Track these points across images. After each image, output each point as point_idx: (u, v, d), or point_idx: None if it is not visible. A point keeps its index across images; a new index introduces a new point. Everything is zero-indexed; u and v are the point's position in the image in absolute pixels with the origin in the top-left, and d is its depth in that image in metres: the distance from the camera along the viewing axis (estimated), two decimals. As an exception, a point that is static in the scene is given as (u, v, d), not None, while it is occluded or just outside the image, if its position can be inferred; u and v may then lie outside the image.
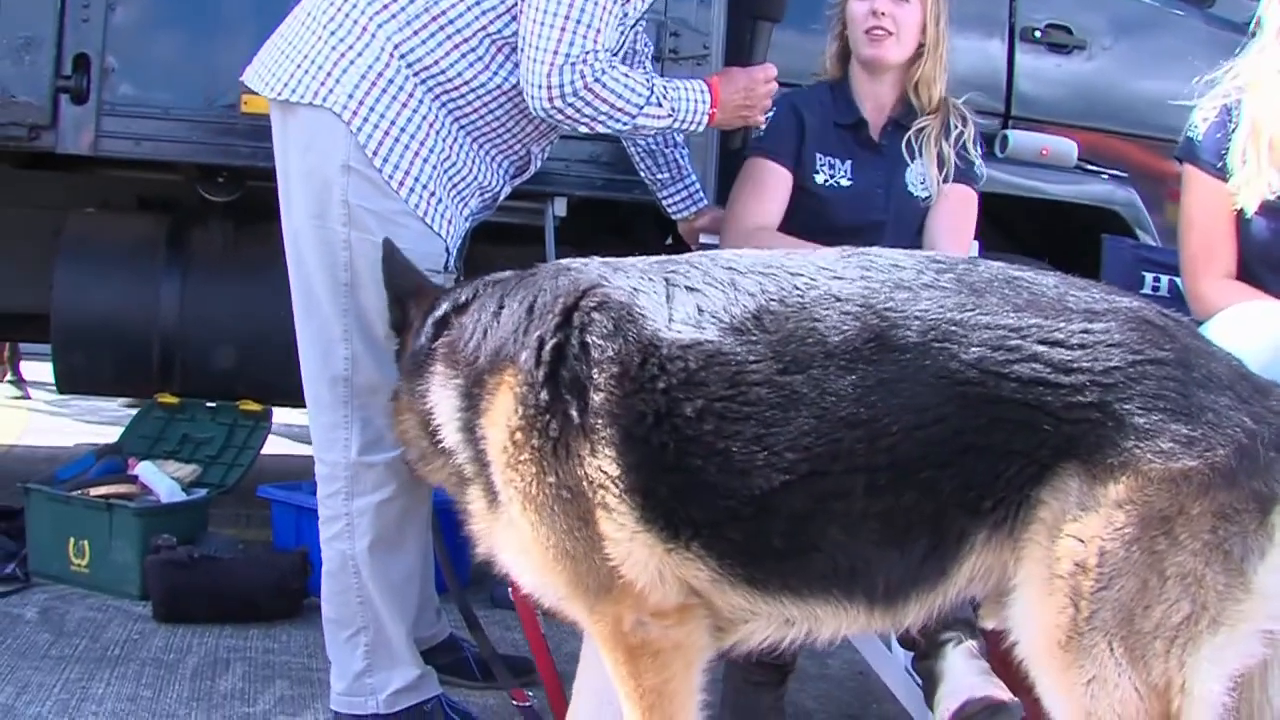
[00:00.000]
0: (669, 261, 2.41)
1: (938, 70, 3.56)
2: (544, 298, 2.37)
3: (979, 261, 2.32)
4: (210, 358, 4.71)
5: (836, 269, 2.26)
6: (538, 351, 2.29)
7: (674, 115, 3.11)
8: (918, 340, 2.13)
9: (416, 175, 2.91)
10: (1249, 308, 3.10)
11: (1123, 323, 2.12)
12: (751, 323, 2.21)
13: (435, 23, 2.91)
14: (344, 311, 2.94)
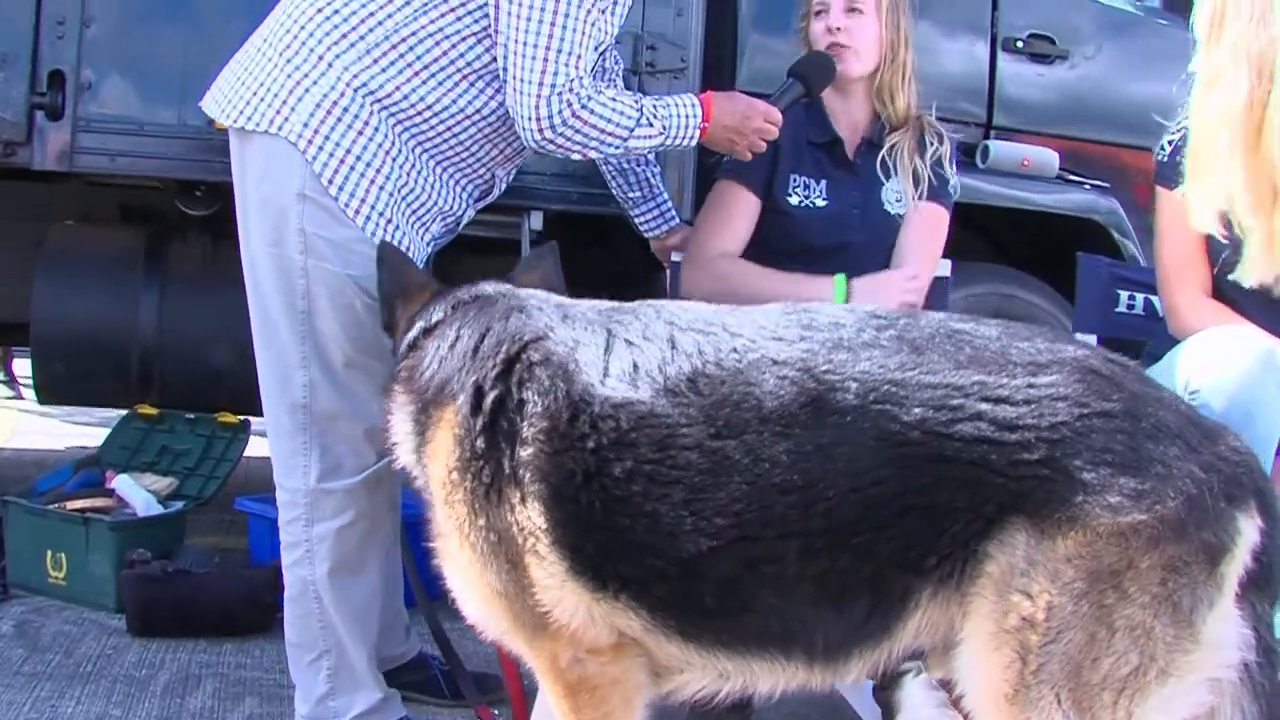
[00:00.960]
0: (617, 311, 2.40)
1: (899, 79, 3.56)
2: (490, 340, 2.37)
3: (921, 315, 2.29)
4: (189, 369, 4.72)
5: (777, 329, 2.24)
6: (476, 399, 2.30)
7: (665, 133, 3.11)
8: (856, 403, 2.10)
9: (373, 203, 2.91)
10: (1218, 334, 3.09)
11: (1068, 375, 2.10)
12: (686, 385, 2.19)
13: (395, 50, 2.90)
14: (301, 339, 2.94)
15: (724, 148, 3.32)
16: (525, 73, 2.86)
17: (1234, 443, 2.13)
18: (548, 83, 2.86)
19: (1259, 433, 2.90)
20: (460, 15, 2.90)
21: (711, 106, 3.19)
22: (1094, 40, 5.17)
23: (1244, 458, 2.12)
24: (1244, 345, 2.97)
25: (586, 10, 2.88)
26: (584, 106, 2.91)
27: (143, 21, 4.17)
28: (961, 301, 4.85)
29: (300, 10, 2.94)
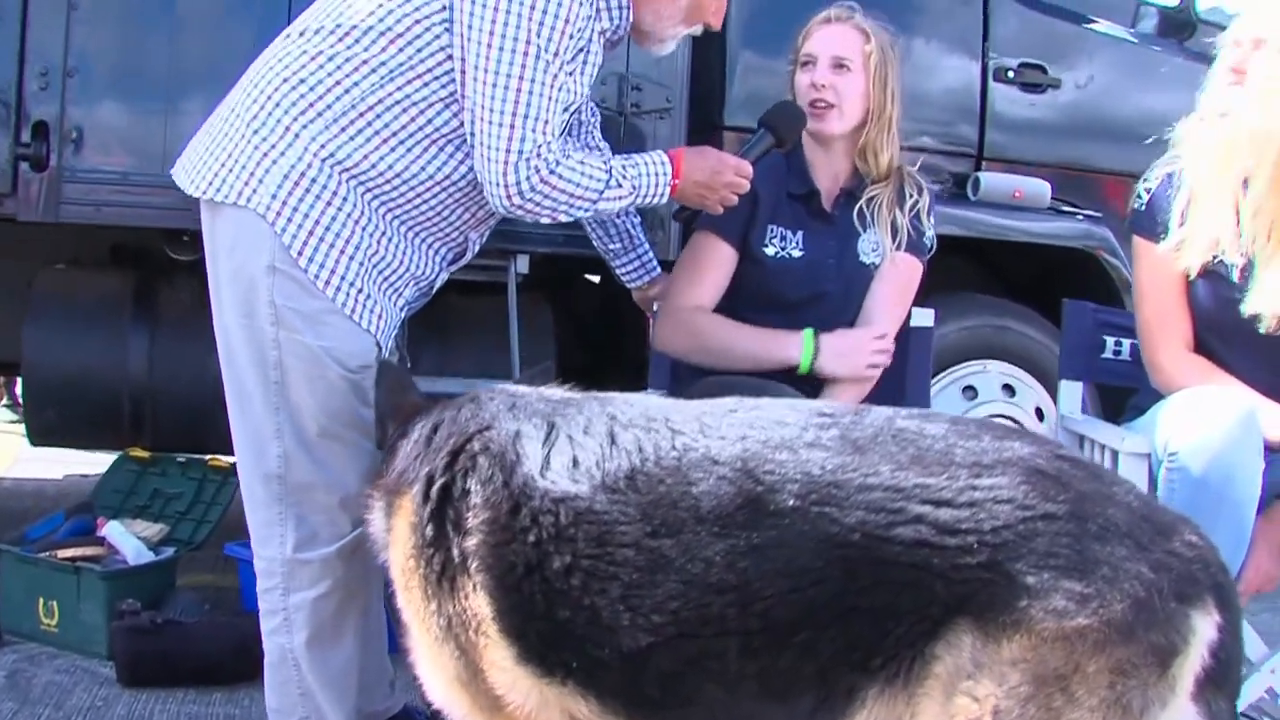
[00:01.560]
0: (563, 404, 2.43)
1: (885, 137, 3.52)
2: (442, 431, 2.42)
3: (867, 412, 2.28)
4: (180, 412, 4.72)
5: (719, 427, 2.24)
6: (426, 488, 2.34)
7: (636, 192, 3.10)
8: (796, 504, 2.09)
9: (343, 274, 2.90)
10: (1197, 395, 3.09)
11: (1012, 476, 2.07)
12: (625, 482, 2.19)
13: (363, 119, 2.89)
14: (275, 409, 2.94)
15: (695, 203, 3.30)
16: (492, 139, 2.85)
17: (1190, 536, 2.10)
18: (514, 149, 2.85)
19: (1237, 495, 2.90)
20: (427, 81, 2.89)
21: (682, 163, 3.17)
22: (1086, 68, 5.13)
23: (1200, 552, 2.09)
24: (1223, 407, 2.96)
25: (553, 75, 2.87)
26: (552, 172, 2.90)
27: (126, 71, 4.18)
28: (954, 334, 4.85)
29: (266, 80, 2.93)
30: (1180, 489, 2.97)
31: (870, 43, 3.49)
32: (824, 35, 3.52)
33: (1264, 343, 3.20)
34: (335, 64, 2.89)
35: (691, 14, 3.16)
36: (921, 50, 4.94)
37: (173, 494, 4.83)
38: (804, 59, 3.53)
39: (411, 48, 2.88)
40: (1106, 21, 5.29)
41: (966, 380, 4.94)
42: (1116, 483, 2.17)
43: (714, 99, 4.63)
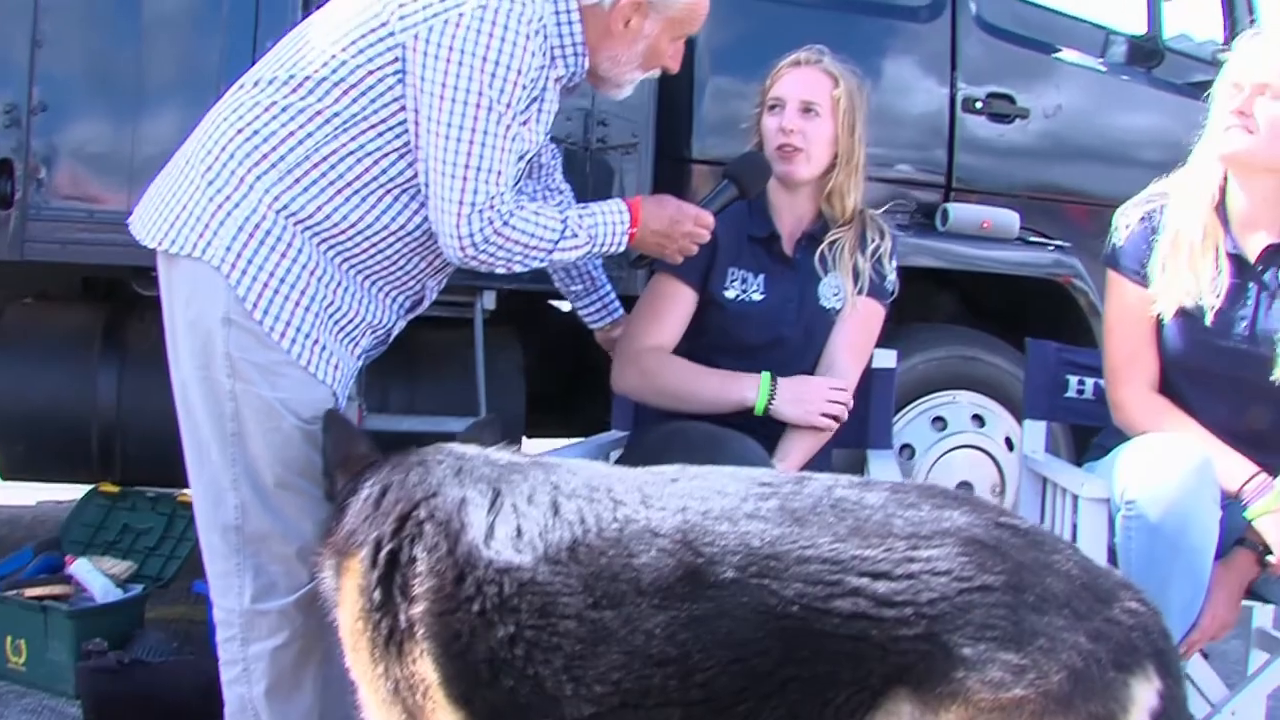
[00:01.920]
0: (509, 469, 2.43)
1: (851, 181, 3.53)
2: (390, 495, 2.43)
3: (807, 481, 2.28)
4: (149, 446, 4.71)
5: (661, 497, 2.25)
6: (374, 553, 2.35)
7: (592, 242, 3.09)
8: (735, 576, 2.10)
9: (298, 325, 2.90)
10: (1154, 444, 3.11)
11: (950, 547, 2.08)
12: (566, 553, 2.20)
13: (317, 169, 2.88)
14: (232, 461, 2.93)
15: (654, 252, 3.28)
16: (445, 191, 2.85)
17: (1130, 603, 2.11)
18: (468, 201, 2.84)
19: (1194, 544, 2.92)
20: (381, 132, 2.89)
21: (640, 211, 3.16)
22: (1055, 97, 5.14)
23: (1141, 619, 2.09)
24: (1179, 456, 2.98)
25: (506, 126, 2.86)
26: (505, 223, 2.90)
27: (92, 109, 4.17)
28: (923, 365, 4.86)
29: (220, 131, 2.92)
30: (1137, 537, 2.99)
31: (839, 87, 3.49)
32: (792, 79, 3.53)
33: (1231, 385, 3.23)
34: (289, 115, 2.89)
35: (649, 59, 3.15)
36: (890, 81, 4.95)
37: (142, 529, 4.81)
38: (771, 102, 3.54)
39: (365, 98, 2.87)
40: (1075, 51, 5.29)
41: (936, 411, 4.94)
42: (1057, 550, 2.16)
43: (682, 132, 4.62)
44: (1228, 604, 3.11)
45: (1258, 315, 3.20)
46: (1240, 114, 3.12)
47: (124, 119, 4.15)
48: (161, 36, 4.18)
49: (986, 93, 5.05)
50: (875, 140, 4.39)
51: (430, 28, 2.83)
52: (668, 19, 3.08)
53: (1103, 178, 5.18)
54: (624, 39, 3.07)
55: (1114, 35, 5.48)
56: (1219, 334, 3.22)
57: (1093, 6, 5.57)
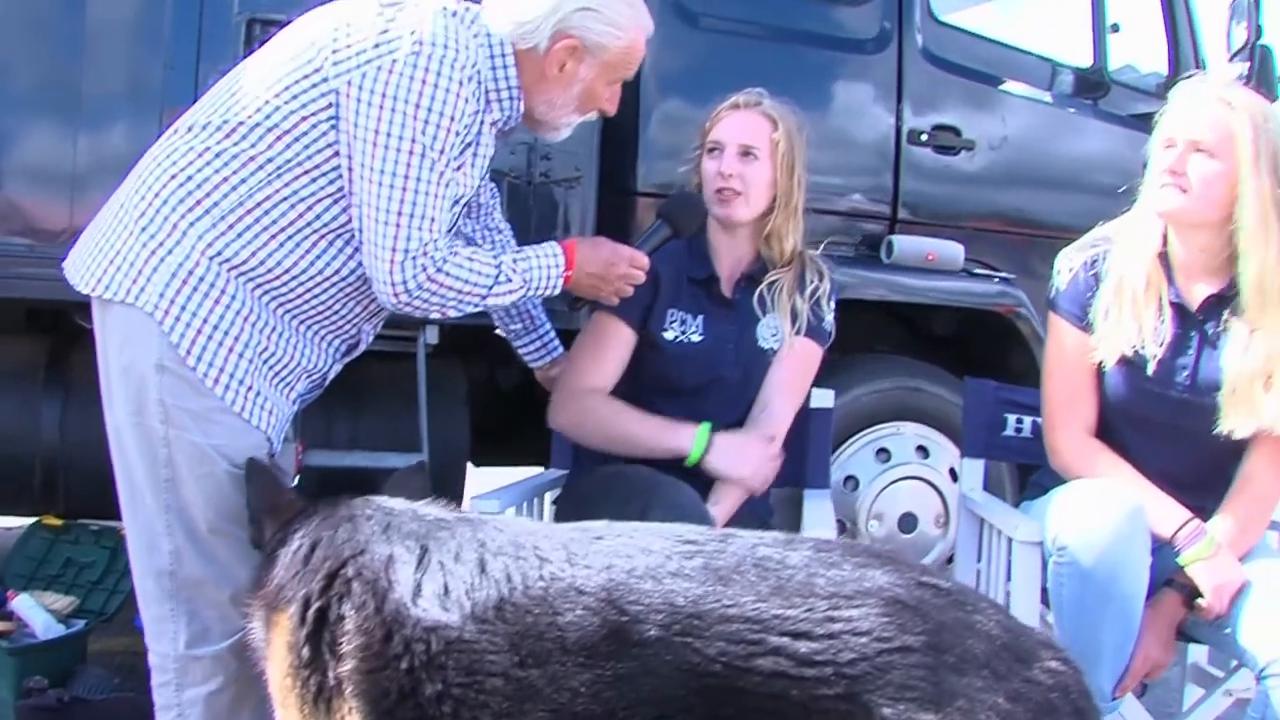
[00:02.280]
0: (438, 525, 2.43)
1: (791, 223, 3.54)
2: (320, 551, 2.42)
3: (731, 539, 2.28)
4: (92, 480, 4.68)
5: (586, 555, 2.25)
6: (303, 610, 2.35)
7: (526, 285, 3.10)
8: (659, 635, 2.11)
9: (231, 371, 2.90)
10: (1086, 491, 3.14)
11: (871, 607, 2.09)
12: (493, 612, 2.20)
13: (251, 215, 2.88)
14: (166, 507, 2.93)
15: (589, 294, 3.30)
16: (379, 238, 2.85)
17: (1051, 663, 2.11)
18: (400, 248, 2.85)
19: (1124, 590, 2.95)
20: (315, 177, 2.89)
21: (575, 254, 3.18)
22: (1001, 129, 5.17)
23: (1061, 679, 2.10)
24: (1110, 504, 3.02)
25: (439, 173, 2.87)
26: (439, 270, 2.90)
27: (32, 145, 4.16)
28: (868, 397, 4.88)
29: (154, 177, 2.92)
30: (1069, 584, 3.02)
31: (778, 130, 3.51)
32: (731, 122, 3.54)
33: (1171, 433, 3.26)
34: (223, 160, 2.89)
35: (585, 102, 3.15)
36: (836, 113, 4.98)
37: (85, 563, 4.80)
38: (711, 145, 3.55)
39: (299, 144, 2.87)
40: (1021, 83, 5.32)
41: (880, 443, 4.95)
42: (979, 610, 2.17)
43: (626, 165, 4.62)
44: (1159, 645, 3.14)
45: (1199, 365, 3.22)
46: (1173, 173, 3.15)
47: (65, 155, 4.13)
48: (104, 74, 4.16)
49: (932, 125, 5.07)
50: (821, 172, 4.44)
51: (364, 74, 2.83)
52: (602, 63, 3.08)
53: (1048, 209, 5.22)
54: (559, 83, 3.08)
55: (1060, 67, 5.52)
56: (1161, 383, 3.24)
57: (1039, 39, 5.59)
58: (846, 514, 4.91)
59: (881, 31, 5.03)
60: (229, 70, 3.61)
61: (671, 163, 4.14)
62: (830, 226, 4.84)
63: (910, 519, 4.96)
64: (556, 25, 3.00)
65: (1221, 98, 3.14)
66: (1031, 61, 5.48)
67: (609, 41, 3.05)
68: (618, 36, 3.05)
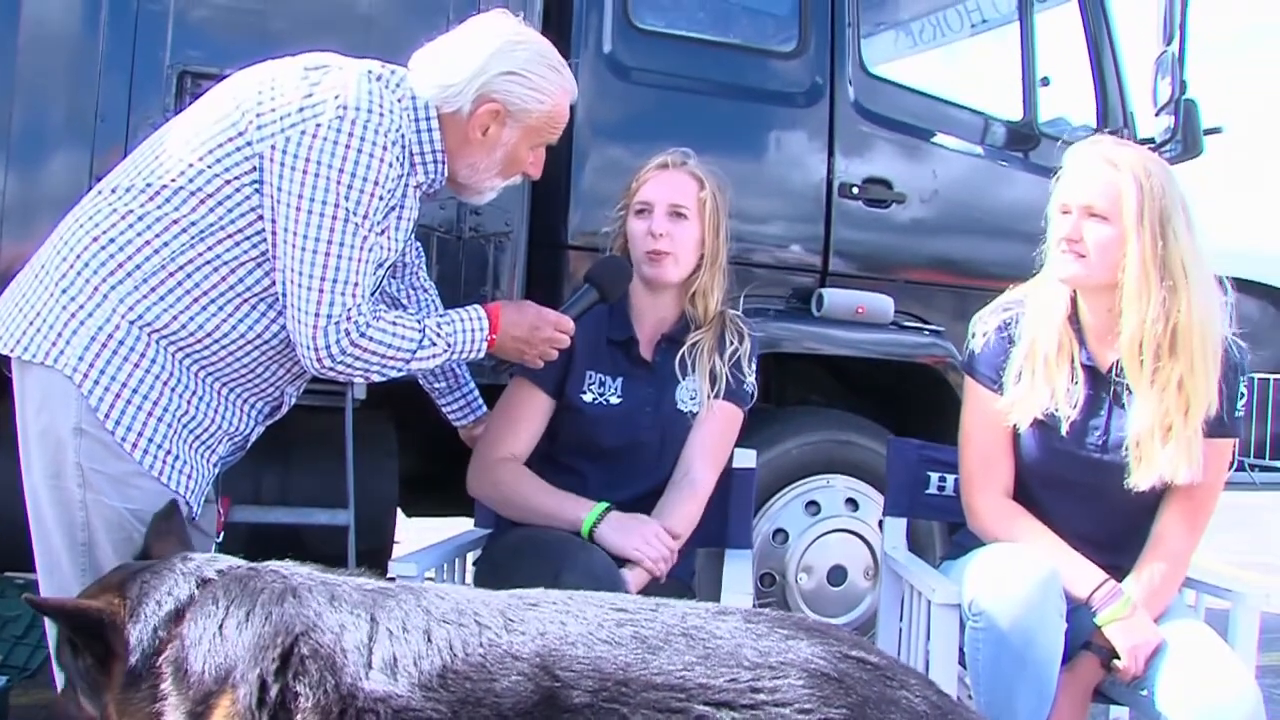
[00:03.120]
0: (381, 594, 2.41)
1: (715, 281, 3.57)
2: (268, 628, 2.34)
3: (663, 608, 2.30)
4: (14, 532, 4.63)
5: (522, 621, 2.27)
6: (260, 692, 2.28)
7: (451, 349, 3.12)
8: (588, 701, 2.13)
9: (150, 435, 2.89)
10: (1000, 556, 3.18)
11: (795, 678, 2.11)
12: (437, 680, 2.21)
13: (173, 278, 2.89)
14: (82, 571, 2.91)
15: (514, 358, 3.32)
16: (302, 303, 2.86)
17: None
18: (324, 313, 2.86)
19: (1039, 655, 2.99)
20: (238, 241, 2.89)
21: (499, 318, 3.20)
22: (932, 182, 5.22)
23: None
24: (1025, 569, 3.05)
25: (363, 238, 2.88)
26: (362, 335, 2.91)
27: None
28: (798, 449, 4.91)
29: (76, 239, 2.92)
30: (985, 649, 3.06)
31: (705, 189, 3.54)
32: (660, 182, 3.57)
33: (1087, 492, 3.31)
34: (145, 224, 2.89)
35: (508, 166, 3.17)
36: (768, 166, 5.01)
37: (10, 617, 4.74)
38: (639, 206, 3.57)
39: (222, 208, 2.88)
40: (952, 136, 5.37)
41: (810, 495, 4.98)
42: (906, 686, 2.18)
43: (557, 219, 4.63)
44: (1073, 710, 3.17)
45: (1109, 424, 3.27)
46: (1070, 240, 3.23)
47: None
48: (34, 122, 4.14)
49: (864, 177, 5.10)
50: (753, 224, 4.48)
51: (287, 139, 2.84)
52: (526, 127, 3.11)
53: (979, 260, 5.27)
54: (482, 147, 3.10)
55: (991, 120, 5.58)
56: (1074, 443, 3.29)
57: (971, 93, 5.65)
58: (775, 566, 4.94)
59: (814, 85, 5.07)
60: (158, 121, 3.65)
61: (603, 216, 4.14)
62: (762, 279, 4.89)
63: (839, 571, 4.99)
64: (480, 89, 3.02)
65: (1108, 159, 3.21)
66: (963, 114, 5.53)
67: (532, 106, 3.07)
68: (541, 101, 3.07)
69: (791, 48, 5.07)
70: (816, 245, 5.06)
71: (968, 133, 5.48)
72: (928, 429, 4.38)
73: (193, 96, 3.89)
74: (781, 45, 5.09)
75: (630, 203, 3.60)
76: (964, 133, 5.46)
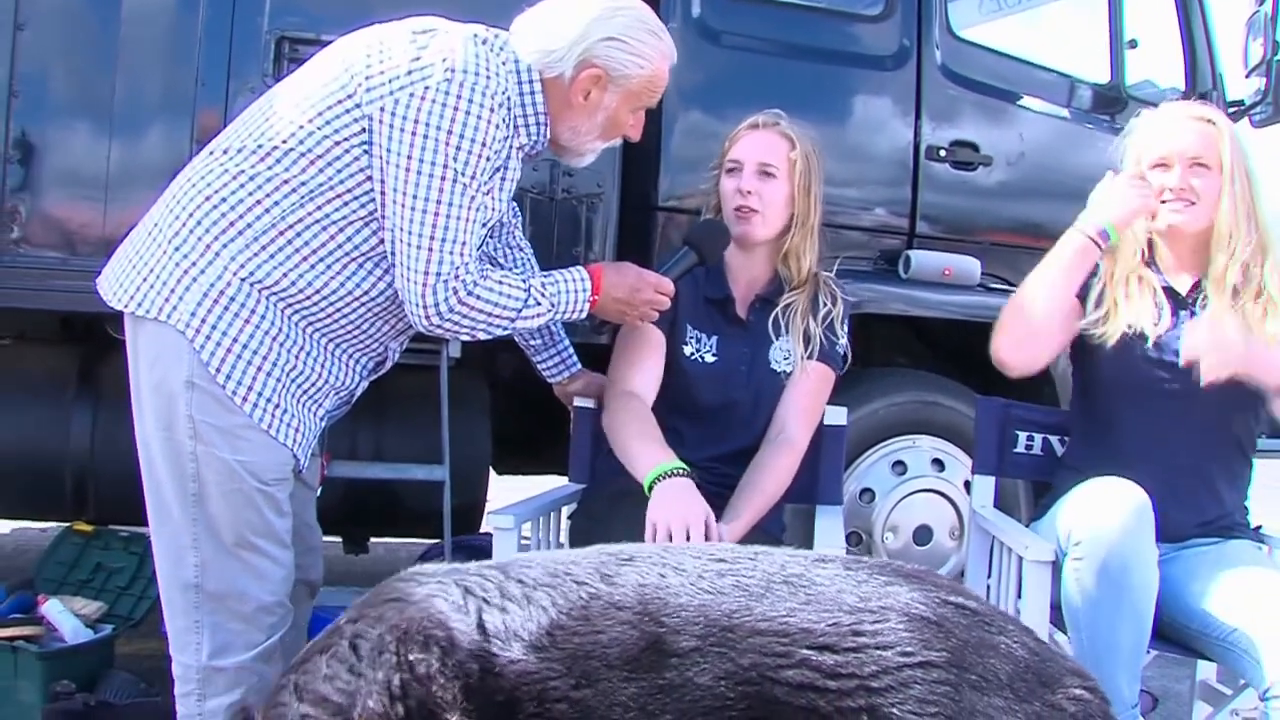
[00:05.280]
0: (468, 574, 2.41)
1: (808, 242, 3.61)
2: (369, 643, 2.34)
3: (762, 557, 2.36)
4: (121, 486, 4.74)
5: (618, 574, 2.32)
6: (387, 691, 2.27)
7: (554, 309, 3.18)
8: (695, 645, 2.18)
9: (260, 390, 2.97)
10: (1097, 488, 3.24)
11: (896, 622, 2.16)
12: (547, 639, 2.25)
13: (283, 237, 2.96)
14: (193, 520, 3.01)
15: (615, 319, 3.39)
16: (412, 261, 2.93)
17: (1076, 690, 2.17)
18: (433, 271, 2.92)
19: (1135, 581, 3.07)
20: (346, 201, 2.96)
21: (601, 279, 3.25)
22: (1018, 145, 5.22)
23: (1085, 706, 2.16)
24: (1119, 499, 3.11)
25: (471, 196, 2.94)
26: (470, 293, 2.97)
27: (67, 158, 4.24)
28: (884, 410, 4.93)
29: (189, 198, 2.99)
30: (1084, 578, 3.10)
31: (795, 149, 3.58)
32: (750, 141, 3.61)
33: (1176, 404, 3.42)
34: (256, 184, 2.96)
35: (609, 129, 3.22)
36: (855, 129, 5.04)
37: (115, 568, 4.86)
38: (730, 165, 3.62)
39: (331, 169, 2.95)
40: (1039, 99, 5.36)
41: (896, 455, 5.01)
42: (1004, 631, 2.22)
43: (648, 181, 4.68)
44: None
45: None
46: (1179, 190, 3.40)
47: (99, 171, 4.23)
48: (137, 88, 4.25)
49: (950, 140, 5.12)
50: (841, 187, 4.51)
51: (396, 100, 2.91)
52: (626, 91, 3.15)
53: (1065, 223, 5.21)
54: (584, 110, 3.15)
55: (1078, 83, 5.57)
56: (1162, 351, 3.43)
57: (1058, 56, 5.63)
58: (862, 526, 4.97)
59: (901, 48, 5.09)
60: (258, 87, 3.73)
61: (693, 178, 4.20)
62: (849, 241, 4.92)
63: (925, 531, 5.02)
64: (582, 54, 3.07)
65: (1199, 115, 3.45)
66: (1049, 77, 5.53)
67: (633, 71, 3.12)
68: (641, 66, 3.12)
69: (879, 11, 5.08)
70: (904, 208, 5.09)
71: (1054, 95, 5.48)
72: (1012, 392, 4.39)
73: (291, 61, 3.99)
74: (869, 9, 5.10)
75: (722, 162, 3.65)
76: (1050, 95, 5.47)
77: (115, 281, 3.07)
